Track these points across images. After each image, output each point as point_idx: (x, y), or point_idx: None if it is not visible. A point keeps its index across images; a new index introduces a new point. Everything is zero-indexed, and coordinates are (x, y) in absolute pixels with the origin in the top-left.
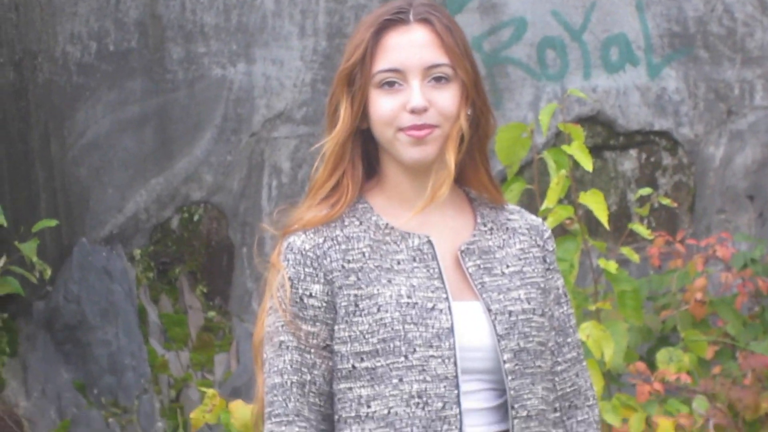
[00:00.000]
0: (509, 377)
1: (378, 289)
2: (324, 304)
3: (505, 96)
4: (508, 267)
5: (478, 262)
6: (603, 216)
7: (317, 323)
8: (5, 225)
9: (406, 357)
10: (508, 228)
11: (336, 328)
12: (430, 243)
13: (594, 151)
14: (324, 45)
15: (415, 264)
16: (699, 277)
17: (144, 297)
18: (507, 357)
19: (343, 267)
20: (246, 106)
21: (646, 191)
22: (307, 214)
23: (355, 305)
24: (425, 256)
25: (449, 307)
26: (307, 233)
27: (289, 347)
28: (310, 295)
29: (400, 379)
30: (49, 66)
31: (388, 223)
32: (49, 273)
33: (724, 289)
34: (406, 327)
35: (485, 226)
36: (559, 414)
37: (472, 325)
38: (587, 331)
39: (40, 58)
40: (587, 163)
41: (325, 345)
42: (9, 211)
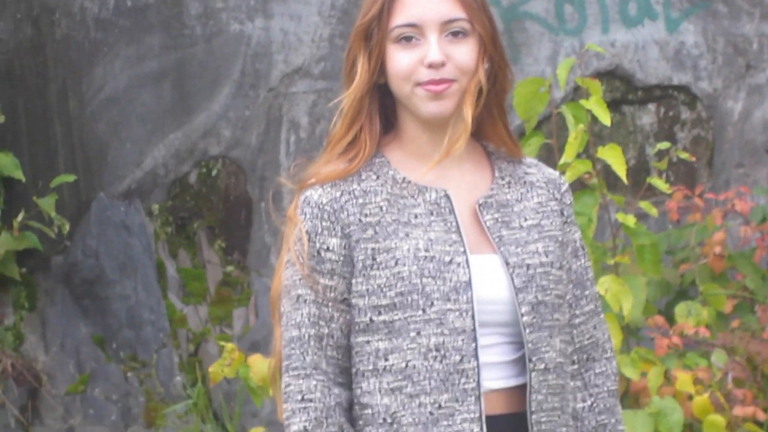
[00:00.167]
0: (527, 330)
1: (395, 243)
2: (341, 258)
3: (523, 51)
4: (526, 220)
5: (496, 215)
6: (621, 170)
7: (334, 277)
8: (24, 180)
9: (423, 310)
10: (525, 182)
11: (353, 281)
12: (447, 197)
13: (612, 105)
14: (342, 0)
15: (432, 218)
16: (718, 231)
17: (162, 252)
18: (525, 310)
19: (360, 221)
20: (264, 62)
21: (664, 145)
22: (325, 168)
23: (373, 259)
24: (443, 210)
25: (467, 261)
26: (324, 187)
27: (307, 301)
28: (328, 249)
29: (418, 333)
30: (66, 21)
31: (405, 177)
32: (67, 228)
33: (742, 243)
34: (424, 280)
35: (503, 179)
36: (577, 366)
37: (489, 278)
38: (606, 285)
39: (58, 13)
40: (605, 118)
41: (342, 299)
42: (27, 166)
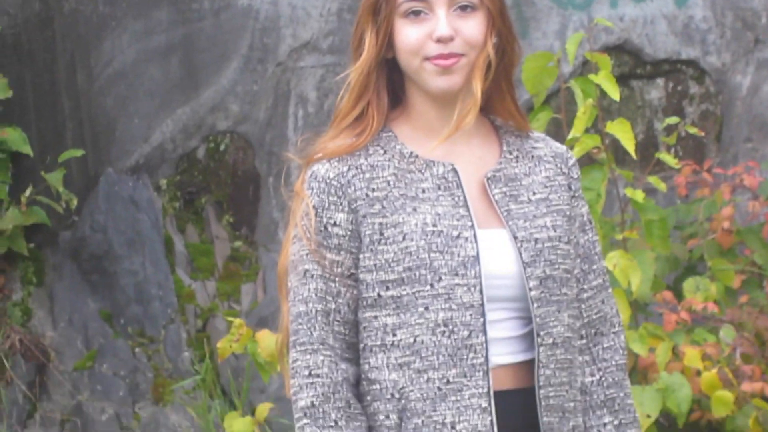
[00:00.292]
0: (535, 305)
1: (403, 218)
2: (348, 233)
3: (532, 25)
4: (534, 194)
5: (504, 189)
6: (630, 145)
7: (341, 252)
8: (31, 155)
9: (431, 285)
10: (533, 156)
11: (361, 256)
12: (454, 171)
13: (620, 80)
14: None
15: (440, 192)
16: (726, 206)
17: (170, 227)
18: (533, 284)
19: (367, 195)
20: (272, 36)
21: (673, 120)
22: (332, 143)
23: (380, 233)
24: (450, 184)
25: (474, 235)
26: (332, 162)
27: (314, 276)
28: (335, 224)
29: (426, 308)
30: None
31: (412, 152)
32: (75, 203)
33: (751, 218)
34: (432, 255)
35: (511, 154)
36: (585, 341)
37: (497, 252)
38: (614, 260)
39: None
40: (614, 92)
41: (349, 274)
42: (35, 141)
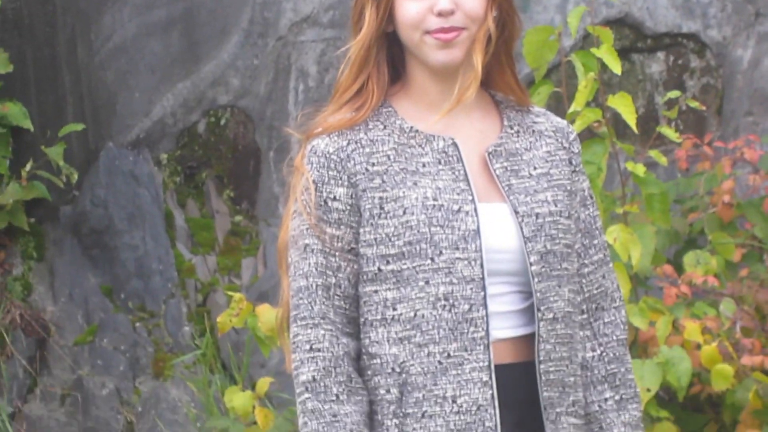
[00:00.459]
0: (536, 279)
1: (403, 192)
2: (348, 207)
3: None
4: (535, 169)
5: (505, 164)
6: (631, 119)
7: (341, 226)
8: (32, 129)
9: (432, 259)
10: (534, 130)
11: (361, 231)
12: (455, 145)
13: (621, 53)
14: None
15: (440, 166)
16: (726, 180)
17: (171, 201)
18: (533, 259)
19: (367, 170)
20: (273, 10)
21: (674, 94)
22: (332, 117)
23: (381, 208)
24: (450, 159)
25: (475, 209)
26: (331, 136)
27: (314, 250)
28: (334, 198)
29: (426, 282)
30: None
31: (412, 127)
32: (75, 177)
33: (751, 192)
34: (432, 229)
35: (512, 128)
36: (585, 316)
37: (498, 226)
38: (615, 234)
39: None
40: (616, 66)
41: (349, 248)
42: (36, 115)
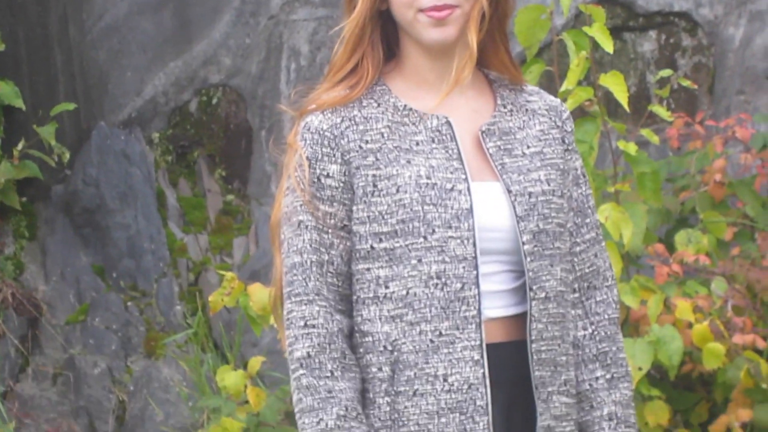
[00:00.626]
0: (528, 259)
1: (397, 170)
2: (341, 185)
3: None
4: (528, 148)
5: (499, 143)
6: (623, 97)
7: (334, 203)
8: (24, 109)
9: (425, 238)
10: (527, 109)
11: (354, 208)
12: (448, 124)
13: (613, 32)
14: None
15: (434, 145)
16: (718, 159)
17: (162, 180)
18: (526, 238)
19: (360, 147)
20: None
21: (665, 73)
22: (326, 94)
23: (374, 185)
24: (444, 137)
25: (468, 188)
26: (325, 113)
27: (308, 227)
28: (328, 175)
29: (419, 260)
30: None
31: (406, 105)
32: (67, 156)
33: (743, 171)
34: (425, 208)
35: (505, 107)
36: (577, 295)
37: (491, 205)
38: (606, 212)
39: None
40: (608, 45)
41: (342, 225)
42: (27, 94)
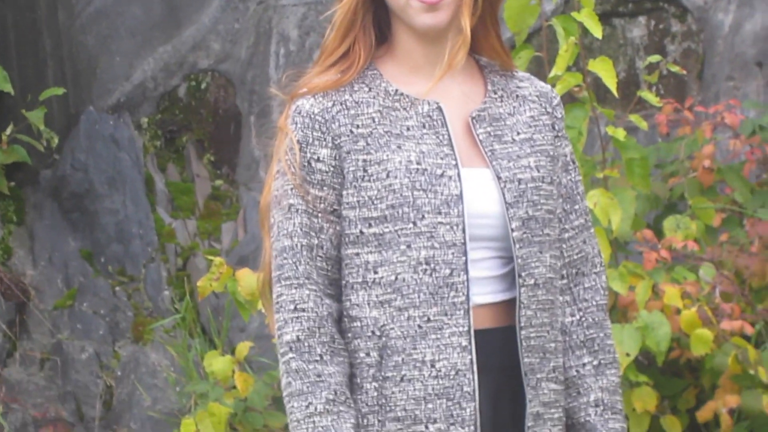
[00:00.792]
0: (517, 245)
1: (387, 155)
2: (331, 169)
3: None
4: (518, 134)
5: (489, 129)
6: (612, 83)
7: (324, 188)
8: (12, 93)
9: (414, 223)
10: (518, 95)
11: (344, 193)
12: (439, 109)
13: (602, 18)
14: None
15: (424, 130)
16: (707, 144)
17: (151, 165)
18: (515, 225)
19: (351, 132)
20: None
21: (655, 58)
22: (317, 78)
23: (364, 170)
24: (435, 123)
25: (458, 174)
26: (316, 97)
27: (299, 210)
28: (318, 159)
29: (408, 246)
30: None
31: (397, 90)
32: (56, 141)
33: (732, 156)
34: (415, 193)
35: (496, 93)
36: (566, 281)
37: (481, 192)
38: (595, 198)
39: None
40: (597, 30)
41: (332, 210)
42: (16, 79)
